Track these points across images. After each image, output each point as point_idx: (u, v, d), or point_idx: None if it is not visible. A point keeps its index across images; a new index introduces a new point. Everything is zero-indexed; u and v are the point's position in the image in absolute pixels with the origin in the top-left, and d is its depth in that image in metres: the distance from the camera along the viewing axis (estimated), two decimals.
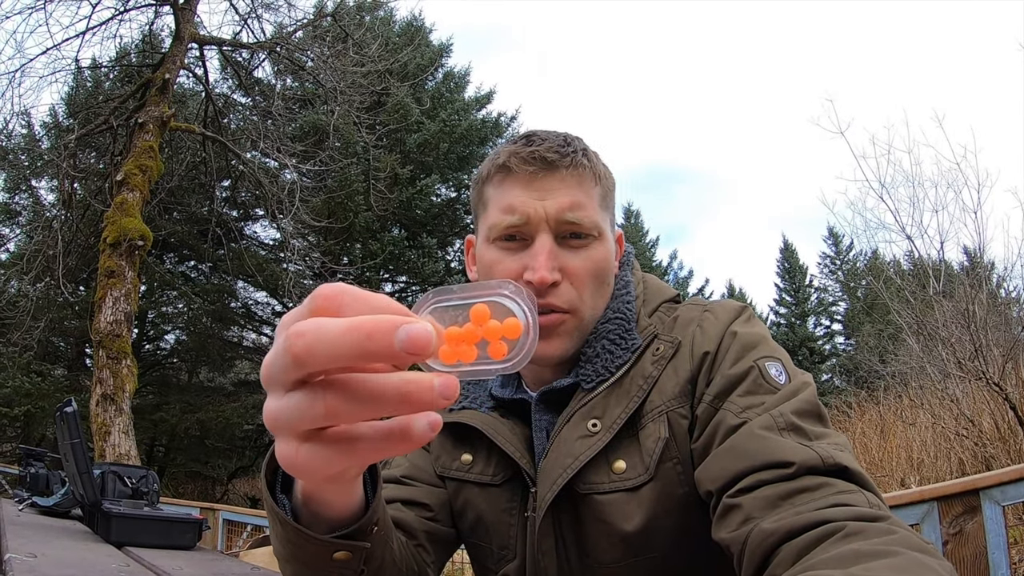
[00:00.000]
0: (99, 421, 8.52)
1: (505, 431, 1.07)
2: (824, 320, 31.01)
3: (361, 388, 0.44)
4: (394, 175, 16.00)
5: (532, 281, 0.98)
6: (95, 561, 1.53)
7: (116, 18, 11.35)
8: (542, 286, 0.98)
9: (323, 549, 0.72)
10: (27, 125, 14.29)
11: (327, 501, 0.70)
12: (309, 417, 0.45)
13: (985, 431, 6.42)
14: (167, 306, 18.17)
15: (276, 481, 0.73)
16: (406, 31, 18.66)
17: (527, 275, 0.99)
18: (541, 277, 0.98)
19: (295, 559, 0.76)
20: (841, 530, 0.69)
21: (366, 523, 0.74)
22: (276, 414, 0.46)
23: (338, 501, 0.71)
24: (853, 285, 28.83)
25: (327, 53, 12.20)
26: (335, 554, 0.73)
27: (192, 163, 13.90)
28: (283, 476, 0.73)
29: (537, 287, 0.98)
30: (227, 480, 19.17)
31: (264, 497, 0.74)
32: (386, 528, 0.82)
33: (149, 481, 2.58)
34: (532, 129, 1.10)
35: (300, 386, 0.45)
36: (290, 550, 0.74)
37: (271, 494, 0.72)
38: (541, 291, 0.99)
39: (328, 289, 0.46)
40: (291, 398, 0.45)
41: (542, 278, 0.98)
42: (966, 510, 2.67)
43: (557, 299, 1.00)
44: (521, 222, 1.01)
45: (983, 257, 8.06)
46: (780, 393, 0.90)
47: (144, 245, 9.46)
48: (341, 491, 0.69)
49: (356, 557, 0.75)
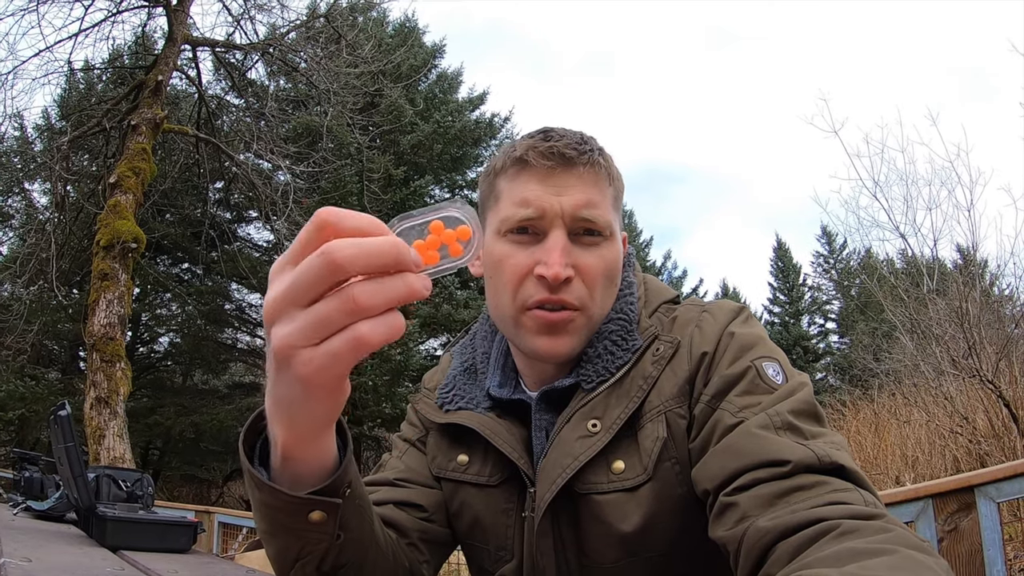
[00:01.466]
0: (93, 424, 8.49)
1: (502, 431, 1.06)
2: (818, 319, 31.12)
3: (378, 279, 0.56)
4: (388, 176, 16.00)
5: (545, 276, 0.97)
6: (90, 565, 1.52)
7: (109, 20, 11.31)
8: (555, 282, 0.97)
9: (298, 508, 0.75)
10: (20, 127, 14.28)
11: (303, 459, 0.72)
12: (335, 318, 0.55)
13: (979, 428, 6.45)
14: (161, 308, 18.15)
15: (254, 456, 0.76)
16: (399, 32, 18.65)
17: (539, 269, 0.98)
18: (555, 273, 0.97)
19: (274, 527, 0.79)
20: (837, 528, 0.69)
21: (338, 481, 0.76)
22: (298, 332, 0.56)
23: (313, 459, 0.73)
24: (847, 284, 28.90)
25: (320, 54, 12.18)
26: (310, 514, 0.76)
27: (185, 165, 13.88)
28: (260, 448, 0.77)
29: (550, 283, 0.97)
30: (222, 483, 19.13)
31: (243, 466, 0.76)
32: (362, 498, 0.85)
33: (144, 484, 2.57)
34: (548, 125, 1.09)
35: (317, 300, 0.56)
36: (269, 518, 0.78)
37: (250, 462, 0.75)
38: (553, 287, 0.98)
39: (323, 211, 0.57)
40: (317, 308, 0.56)
41: (556, 274, 0.97)
42: (961, 507, 2.68)
43: (569, 295, 0.99)
44: (536, 216, 1.00)
45: (976, 255, 8.10)
46: (777, 393, 0.90)
47: (137, 247, 9.43)
48: (316, 446, 0.72)
49: (331, 518, 0.77)
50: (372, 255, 0.55)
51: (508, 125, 19.38)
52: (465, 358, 1.21)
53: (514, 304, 1.01)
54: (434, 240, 0.63)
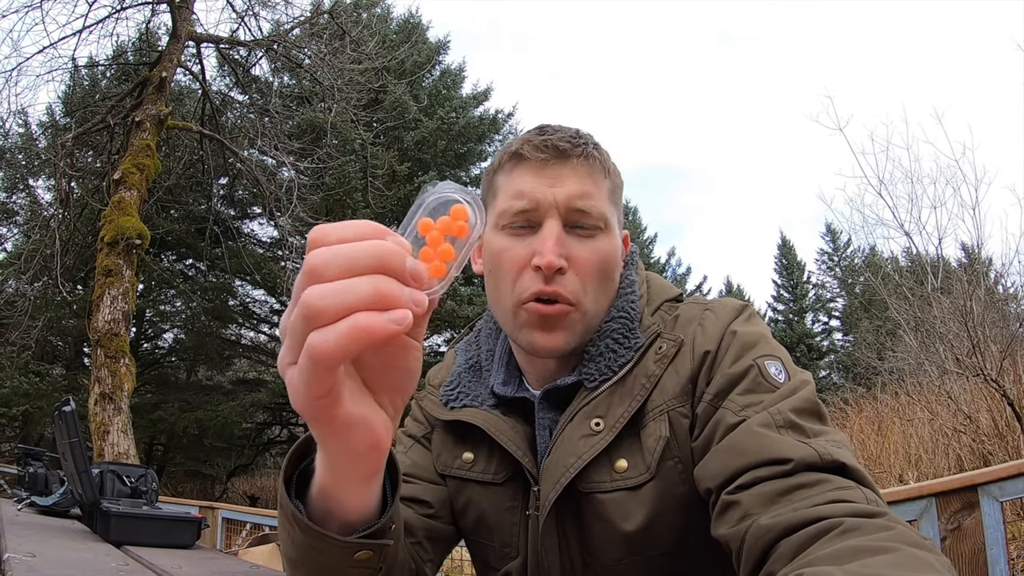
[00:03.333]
0: (97, 420, 8.51)
1: (507, 429, 1.06)
2: (822, 316, 31.04)
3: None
4: (392, 172, 15.99)
5: (540, 266, 0.98)
6: (94, 560, 1.53)
7: (113, 16, 11.32)
8: (549, 270, 0.98)
9: (345, 551, 0.72)
10: (24, 124, 14.32)
11: (345, 501, 0.70)
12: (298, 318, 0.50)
13: (983, 427, 6.43)
14: (165, 304, 18.16)
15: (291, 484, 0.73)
16: (403, 28, 18.63)
17: (535, 260, 0.99)
18: (548, 261, 0.97)
19: (310, 563, 0.75)
20: (839, 526, 0.69)
21: (387, 521, 0.74)
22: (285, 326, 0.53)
23: (356, 501, 0.71)
24: (851, 281, 28.82)
25: (324, 50, 12.17)
26: (356, 554, 0.73)
27: (189, 161, 13.88)
28: (297, 480, 0.74)
29: (544, 271, 0.98)
30: (226, 479, 19.19)
31: (281, 499, 0.74)
32: (400, 523, 0.83)
33: (148, 480, 2.57)
34: (545, 122, 1.10)
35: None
36: (306, 554, 0.74)
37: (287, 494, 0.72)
38: (547, 277, 0.99)
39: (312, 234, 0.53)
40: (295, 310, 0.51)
41: (549, 262, 0.97)
42: (964, 506, 2.68)
43: (562, 287, 1.00)
44: (530, 207, 1.01)
45: (981, 253, 8.08)
46: (779, 391, 0.90)
47: (142, 244, 9.44)
48: (362, 488, 0.69)
49: (377, 556, 0.75)
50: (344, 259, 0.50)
51: (512, 121, 19.34)
52: (470, 355, 1.21)
53: (512, 298, 1.02)
54: (435, 237, 0.58)
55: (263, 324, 19.03)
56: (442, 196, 0.59)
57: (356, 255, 0.50)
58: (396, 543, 0.80)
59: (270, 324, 18.86)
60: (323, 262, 0.50)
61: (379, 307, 0.49)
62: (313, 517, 0.72)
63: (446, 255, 0.57)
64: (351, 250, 0.51)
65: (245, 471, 20.01)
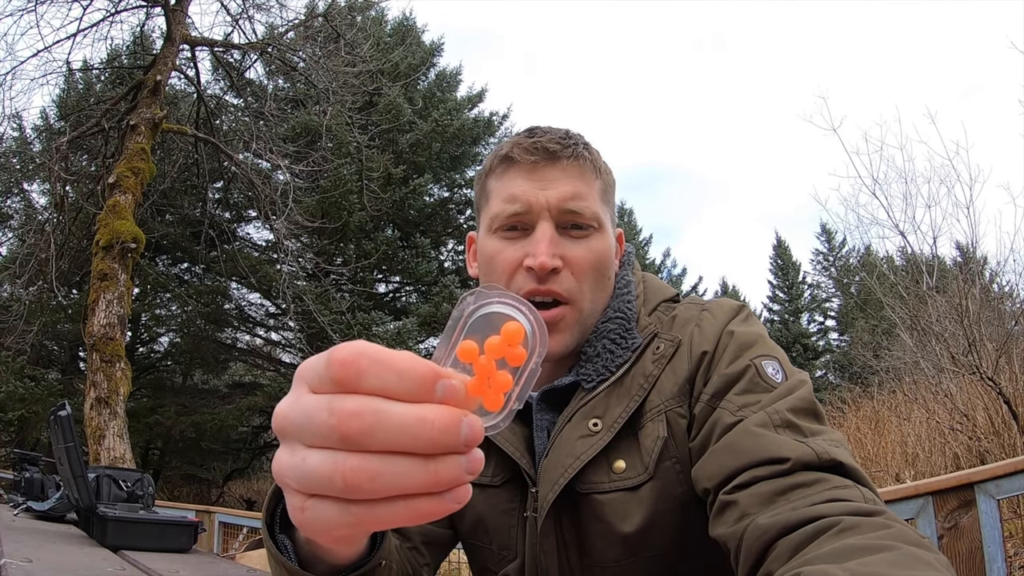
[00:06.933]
0: (93, 425, 8.48)
1: (505, 431, 1.06)
2: (818, 316, 31.10)
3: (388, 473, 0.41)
4: (387, 175, 15.97)
5: (533, 267, 0.99)
6: (91, 565, 1.52)
7: (107, 20, 11.31)
8: (543, 272, 0.99)
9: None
10: (18, 128, 14.24)
11: (332, 550, 0.69)
12: (323, 486, 0.41)
13: (979, 425, 6.44)
14: (160, 308, 18.10)
15: (275, 521, 0.72)
16: (397, 31, 18.62)
17: (528, 261, 1.00)
18: (542, 262, 0.98)
19: None
20: (836, 525, 0.69)
21: (376, 561, 0.73)
22: (287, 472, 0.43)
23: (344, 551, 0.70)
24: (846, 281, 28.89)
25: (319, 53, 12.16)
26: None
27: (184, 165, 13.86)
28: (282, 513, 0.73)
29: (538, 273, 0.99)
30: (222, 482, 19.14)
31: (265, 542, 0.73)
32: (390, 555, 0.80)
33: (144, 484, 2.57)
34: (535, 124, 1.10)
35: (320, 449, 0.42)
36: None
37: (271, 535, 0.71)
38: (542, 277, 0.99)
39: (345, 352, 0.41)
40: (309, 459, 0.41)
41: (543, 263, 0.98)
42: (961, 504, 2.68)
43: (558, 286, 1.00)
44: (523, 210, 1.02)
45: (976, 252, 8.09)
46: (776, 391, 0.91)
47: (137, 247, 9.41)
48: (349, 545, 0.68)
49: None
50: (391, 433, 0.40)
51: (506, 123, 19.37)
52: None
53: None
54: (484, 366, 0.44)
55: (259, 328, 18.99)
56: (487, 309, 0.46)
57: (406, 430, 0.40)
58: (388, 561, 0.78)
59: (266, 328, 18.83)
60: (363, 429, 0.40)
61: (436, 490, 0.43)
62: (301, 553, 0.71)
63: (502, 386, 0.45)
64: (400, 423, 0.40)
65: (242, 475, 19.95)
